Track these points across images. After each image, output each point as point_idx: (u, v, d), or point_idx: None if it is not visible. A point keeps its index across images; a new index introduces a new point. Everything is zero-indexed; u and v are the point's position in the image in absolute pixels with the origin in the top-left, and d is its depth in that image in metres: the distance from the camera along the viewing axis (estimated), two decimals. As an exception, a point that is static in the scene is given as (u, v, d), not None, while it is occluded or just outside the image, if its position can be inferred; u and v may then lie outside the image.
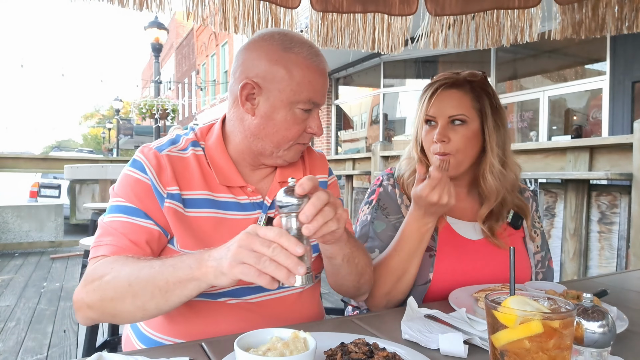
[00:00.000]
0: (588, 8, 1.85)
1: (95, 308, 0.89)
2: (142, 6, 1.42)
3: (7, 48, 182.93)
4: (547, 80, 7.99)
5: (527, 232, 1.37)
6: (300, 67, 1.00)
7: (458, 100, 1.25)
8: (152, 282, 0.83)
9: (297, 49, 1.01)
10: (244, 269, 0.74)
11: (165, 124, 10.83)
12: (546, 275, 1.40)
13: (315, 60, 1.02)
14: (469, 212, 1.35)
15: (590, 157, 2.97)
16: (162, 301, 0.84)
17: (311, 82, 1.01)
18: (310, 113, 1.05)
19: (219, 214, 1.04)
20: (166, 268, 0.83)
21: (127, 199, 1.00)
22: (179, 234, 1.00)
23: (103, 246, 0.96)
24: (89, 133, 63.85)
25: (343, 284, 1.07)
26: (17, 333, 3.29)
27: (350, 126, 11.58)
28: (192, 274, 0.80)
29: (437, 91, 1.26)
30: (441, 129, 1.24)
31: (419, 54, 8.93)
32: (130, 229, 0.97)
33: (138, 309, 0.86)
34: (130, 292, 0.84)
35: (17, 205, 6.77)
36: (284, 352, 0.67)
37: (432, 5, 1.74)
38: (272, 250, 0.73)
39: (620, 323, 0.91)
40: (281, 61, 1.00)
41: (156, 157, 1.03)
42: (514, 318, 0.61)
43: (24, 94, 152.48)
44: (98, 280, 0.88)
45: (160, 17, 10.56)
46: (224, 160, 1.08)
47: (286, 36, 1.03)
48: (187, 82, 26.80)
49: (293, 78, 1.00)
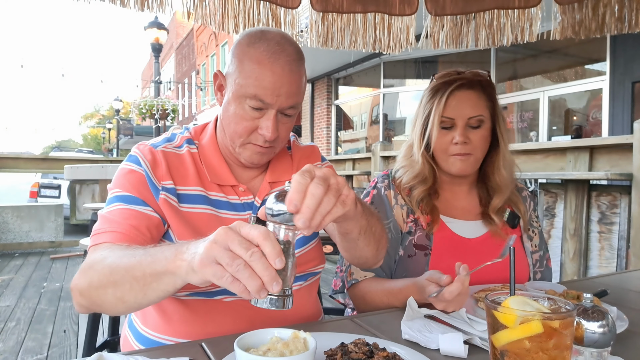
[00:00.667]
0: (588, 8, 1.85)
1: (84, 295, 0.86)
2: (143, 6, 1.43)
3: (7, 48, 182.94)
4: (547, 80, 7.99)
5: (523, 231, 1.37)
6: (251, 62, 0.98)
7: (475, 101, 1.26)
8: (130, 273, 0.78)
9: (258, 44, 0.99)
10: (216, 271, 0.65)
11: (165, 124, 10.83)
12: (545, 275, 1.40)
13: (271, 57, 0.97)
14: (466, 212, 1.35)
15: (590, 157, 2.97)
16: (141, 294, 0.78)
17: (258, 78, 0.97)
18: (264, 113, 1.01)
19: (212, 211, 1.05)
20: (145, 258, 0.77)
21: (124, 188, 1.00)
22: (175, 225, 1.00)
23: (104, 234, 0.94)
24: (89, 133, 63.92)
25: (362, 256, 1.01)
26: (17, 333, 3.29)
27: (350, 126, 11.58)
28: (167, 266, 0.73)
29: (451, 92, 1.25)
30: (462, 130, 1.25)
31: (419, 54, 8.94)
32: (130, 214, 0.96)
33: (118, 301, 0.81)
34: (112, 282, 0.80)
35: (17, 206, 6.78)
36: (284, 352, 0.67)
37: (432, 5, 1.74)
38: (250, 254, 0.63)
39: (620, 323, 0.91)
40: (239, 54, 1.00)
41: (151, 152, 1.05)
42: (514, 318, 0.61)
43: (24, 94, 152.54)
44: (88, 267, 0.86)
45: (160, 17, 10.57)
46: (216, 159, 1.10)
47: (262, 33, 1.01)
48: (187, 82, 26.80)
49: (243, 71, 0.99)
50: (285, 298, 0.68)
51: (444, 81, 1.28)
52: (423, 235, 1.28)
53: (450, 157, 1.27)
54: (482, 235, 1.32)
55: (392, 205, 1.33)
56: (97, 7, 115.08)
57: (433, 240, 1.28)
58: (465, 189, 1.38)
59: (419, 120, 1.32)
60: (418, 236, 1.28)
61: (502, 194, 1.32)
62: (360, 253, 0.99)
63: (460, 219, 1.34)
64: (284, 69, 0.98)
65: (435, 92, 1.28)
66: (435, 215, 1.30)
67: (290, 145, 1.23)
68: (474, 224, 1.33)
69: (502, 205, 1.34)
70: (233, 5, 1.64)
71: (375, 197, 1.36)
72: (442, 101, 1.25)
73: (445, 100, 1.25)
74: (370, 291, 1.22)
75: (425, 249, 1.27)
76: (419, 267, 1.25)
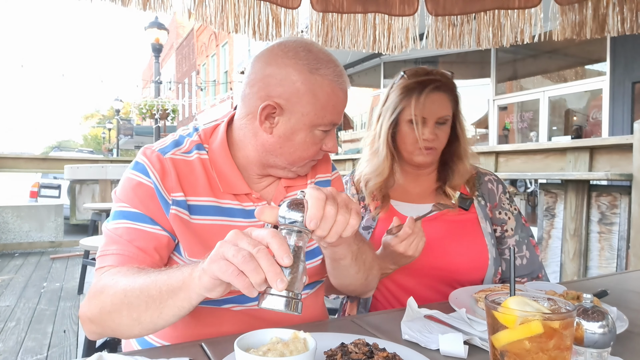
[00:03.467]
0: (588, 8, 1.85)
1: (96, 322, 0.86)
2: (145, 6, 1.42)
3: (7, 48, 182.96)
4: (547, 80, 8.00)
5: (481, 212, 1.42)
6: (325, 91, 0.96)
7: (444, 102, 1.38)
8: (146, 292, 0.78)
9: (323, 70, 0.96)
10: (222, 265, 0.67)
11: (166, 124, 10.83)
12: (532, 261, 1.40)
13: (339, 81, 0.98)
14: (420, 197, 1.46)
15: (590, 158, 2.97)
16: (157, 313, 0.78)
17: (335, 105, 0.98)
18: (328, 132, 1.03)
19: (224, 221, 1.01)
20: (161, 276, 0.78)
21: (131, 204, 0.95)
22: (187, 242, 0.96)
23: (109, 256, 0.92)
24: (89, 133, 63.94)
25: (351, 283, 1.03)
26: (17, 333, 3.29)
27: (350, 126, 11.59)
28: (183, 279, 0.74)
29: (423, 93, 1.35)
30: (432, 127, 1.36)
31: (419, 54, 8.94)
32: (137, 235, 0.93)
33: (134, 322, 0.81)
34: (126, 303, 0.80)
35: (17, 205, 6.78)
36: (284, 353, 0.67)
37: (432, 6, 1.74)
38: (257, 250, 0.66)
39: (620, 323, 0.91)
40: (307, 84, 0.95)
41: (160, 160, 0.99)
42: (514, 319, 0.61)
43: (24, 94, 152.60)
44: (99, 293, 0.85)
45: (161, 18, 10.57)
46: (229, 167, 1.03)
47: (311, 53, 0.97)
48: (187, 83, 26.82)
49: (318, 102, 0.96)
50: (294, 301, 0.67)
51: (417, 81, 1.37)
52: (370, 219, 1.42)
53: (416, 150, 1.38)
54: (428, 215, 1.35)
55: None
56: (97, 7, 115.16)
57: (377, 221, 1.41)
58: (424, 177, 1.48)
59: (387, 114, 1.41)
60: (366, 219, 1.43)
61: (461, 177, 1.43)
62: (350, 280, 1.02)
63: (409, 202, 1.44)
64: (347, 88, 1.01)
65: (409, 91, 1.37)
66: (385, 201, 1.42)
67: None
68: (423, 207, 1.37)
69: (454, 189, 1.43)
70: (233, 5, 1.64)
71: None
72: (419, 101, 1.34)
73: (416, 100, 1.35)
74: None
75: (368, 228, 1.41)
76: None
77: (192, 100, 25.81)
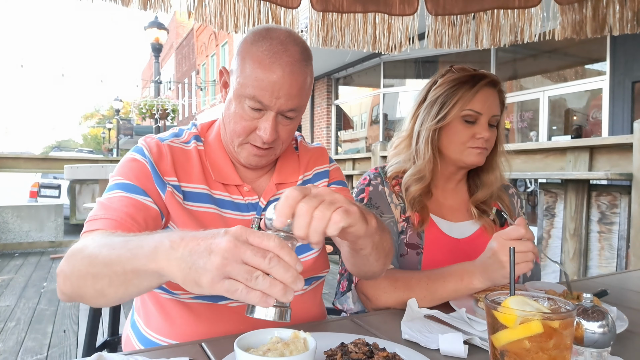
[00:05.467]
0: (588, 8, 1.85)
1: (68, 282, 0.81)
2: (145, 6, 1.43)
3: (7, 48, 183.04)
4: (547, 80, 7.99)
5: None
6: (252, 61, 0.96)
7: (497, 100, 1.28)
8: (110, 267, 0.73)
9: (261, 43, 0.97)
10: (230, 286, 0.61)
11: (165, 124, 10.83)
12: (534, 272, 1.40)
13: (272, 57, 0.95)
14: (454, 211, 1.36)
15: (590, 157, 2.97)
16: (122, 290, 0.74)
17: (257, 79, 0.95)
18: (263, 114, 0.99)
19: (216, 210, 1.04)
20: (125, 252, 0.71)
21: (126, 177, 0.97)
22: (181, 221, 0.98)
23: (98, 220, 0.90)
24: (89, 133, 63.94)
25: (369, 270, 1.00)
26: (17, 333, 3.29)
27: (350, 126, 11.58)
28: (148, 265, 0.67)
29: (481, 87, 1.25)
30: (486, 125, 1.26)
31: (419, 54, 8.95)
32: (129, 202, 0.93)
33: (98, 294, 0.77)
34: (90, 273, 0.76)
35: (17, 205, 6.78)
36: (284, 352, 0.67)
37: (432, 5, 1.74)
38: (269, 261, 0.60)
39: (620, 323, 0.91)
40: (242, 52, 0.99)
41: (157, 145, 1.03)
42: (514, 318, 0.61)
43: (24, 94, 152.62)
44: (73, 254, 0.81)
45: (161, 17, 10.56)
46: (221, 157, 1.08)
47: (267, 31, 0.99)
48: (187, 82, 26.80)
49: (244, 71, 0.97)
50: (284, 309, 0.66)
51: (470, 74, 1.27)
52: (414, 234, 1.28)
53: (467, 149, 1.26)
54: (472, 234, 1.32)
55: (389, 203, 1.32)
56: (98, 7, 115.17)
57: (424, 239, 1.27)
58: (453, 186, 1.39)
59: (433, 111, 1.28)
60: (409, 235, 1.28)
61: (489, 189, 1.35)
62: (369, 268, 0.99)
63: (449, 220, 1.34)
64: (284, 70, 0.95)
65: (461, 84, 1.25)
66: (425, 213, 1.29)
67: (297, 145, 1.21)
68: (462, 225, 1.33)
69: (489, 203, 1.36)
70: (233, 5, 1.65)
71: (373, 193, 1.32)
72: (476, 94, 1.24)
73: (475, 94, 1.24)
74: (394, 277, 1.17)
75: (417, 247, 1.27)
76: (411, 266, 1.25)
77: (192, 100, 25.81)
